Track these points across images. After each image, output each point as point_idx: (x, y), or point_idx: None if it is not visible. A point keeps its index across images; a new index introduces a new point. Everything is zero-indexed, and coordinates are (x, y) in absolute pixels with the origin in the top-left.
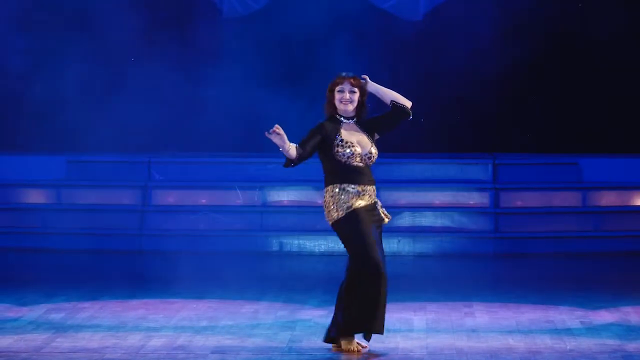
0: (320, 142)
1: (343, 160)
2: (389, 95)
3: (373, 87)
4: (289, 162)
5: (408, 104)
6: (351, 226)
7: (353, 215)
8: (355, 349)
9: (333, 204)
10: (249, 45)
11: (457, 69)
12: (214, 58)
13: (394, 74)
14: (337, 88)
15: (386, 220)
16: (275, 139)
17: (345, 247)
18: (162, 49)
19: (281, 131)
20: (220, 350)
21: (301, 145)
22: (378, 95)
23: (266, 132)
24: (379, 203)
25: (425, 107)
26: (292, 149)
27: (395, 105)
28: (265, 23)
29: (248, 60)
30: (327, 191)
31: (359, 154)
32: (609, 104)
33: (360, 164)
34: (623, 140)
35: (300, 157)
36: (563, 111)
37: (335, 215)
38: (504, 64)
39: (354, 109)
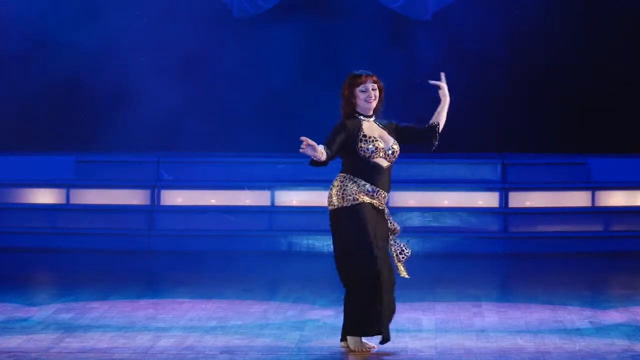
0: (344, 141)
1: (367, 155)
2: (441, 117)
3: (443, 96)
4: (318, 164)
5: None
6: (354, 219)
7: (359, 208)
8: (363, 349)
9: (338, 192)
10: (259, 45)
11: (466, 68)
12: (223, 58)
13: (401, 73)
14: (360, 87)
15: (393, 233)
16: (309, 152)
17: (336, 240)
18: (169, 48)
19: (312, 142)
20: (229, 350)
21: (328, 147)
22: (439, 109)
23: (300, 149)
24: (388, 213)
25: (433, 108)
26: (323, 155)
27: (436, 129)
28: (275, 22)
29: (258, 60)
30: (337, 178)
31: (382, 148)
32: (618, 104)
33: (383, 163)
34: (632, 140)
35: (329, 159)
36: (572, 111)
37: (337, 202)
38: (513, 63)
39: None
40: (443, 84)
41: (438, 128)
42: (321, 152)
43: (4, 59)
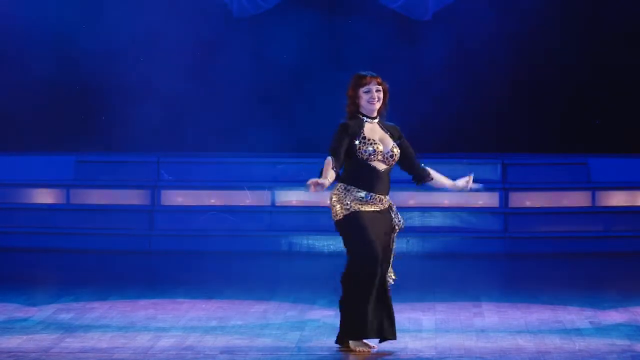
0: (348, 143)
1: (364, 157)
2: (438, 181)
3: (459, 185)
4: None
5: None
6: (351, 226)
7: (354, 216)
8: (365, 349)
9: (337, 202)
10: (259, 44)
11: (466, 68)
12: (223, 57)
13: (402, 73)
14: (364, 88)
15: (397, 228)
16: (319, 190)
17: (345, 247)
18: (169, 48)
19: (320, 181)
20: (229, 351)
21: (335, 156)
22: (445, 179)
23: (310, 192)
24: (394, 209)
25: (434, 108)
26: (332, 175)
27: (425, 178)
28: (275, 22)
29: (258, 60)
30: (335, 187)
31: (380, 151)
32: (618, 104)
33: (381, 166)
34: (632, 140)
35: (339, 169)
36: (572, 111)
37: (336, 214)
38: (513, 63)
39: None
40: (468, 184)
41: (427, 179)
42: (329, 179)
43: (4, 59)
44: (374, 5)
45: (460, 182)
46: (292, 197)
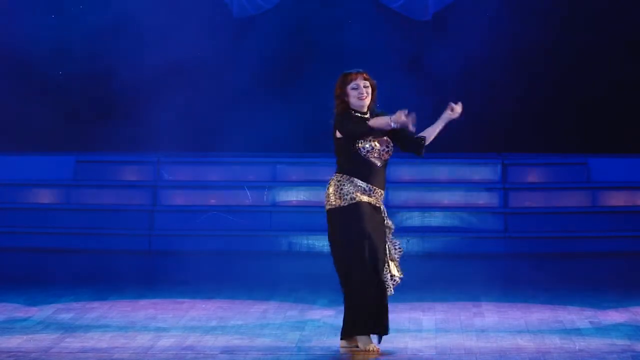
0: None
1: (362, 154)
2: (432, 133)
3: (447, 117)
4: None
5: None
6: (352, 217)
7: (357, 207)
8: (372, 348)
9: (335, 191)
10: (259, 44)
11: (465, 68)
12: (223, 57)
13: (402, 74)
14: (351, 85)
15: (391, 228)
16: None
17: (334, 239)
18: (169, 48)
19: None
20: (229, 350)
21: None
22: (435, 125)
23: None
24: (384, 210)
25: (434, 108)
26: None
27: (422, 143)
28: (275, 22)
29: (258, 60)
30: (332, 178)
31: (378, 149)
32: (619, 104)
33: (377, 162)
34: (632, 140)
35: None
36: (572, 111)
37: (335, 202)
38: (513, 64)
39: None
40: (456, 112)
41: (424, 142)
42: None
43: (4, 59)
44: (374, 5)
45: (447, 113)
46: (291, 196)
